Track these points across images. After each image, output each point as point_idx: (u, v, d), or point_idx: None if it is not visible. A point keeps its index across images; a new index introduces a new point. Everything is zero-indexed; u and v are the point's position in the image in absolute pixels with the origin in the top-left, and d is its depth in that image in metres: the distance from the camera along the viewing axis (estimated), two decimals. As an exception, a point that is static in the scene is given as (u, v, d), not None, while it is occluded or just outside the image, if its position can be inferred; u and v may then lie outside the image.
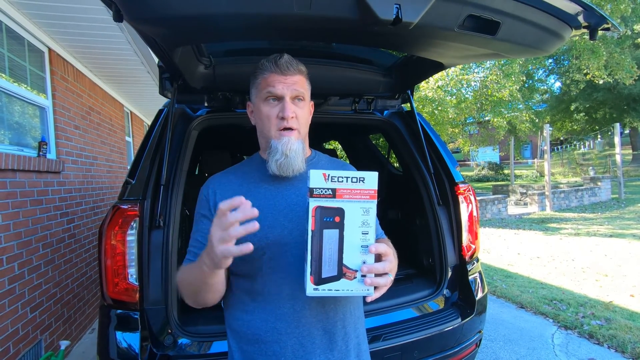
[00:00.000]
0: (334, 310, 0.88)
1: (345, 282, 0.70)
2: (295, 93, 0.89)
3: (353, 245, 0.70)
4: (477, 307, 1.74)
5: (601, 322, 2.96)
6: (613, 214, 8.78)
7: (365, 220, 0.70)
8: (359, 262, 0.70)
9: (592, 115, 18.63)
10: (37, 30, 2.75)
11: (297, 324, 0.84)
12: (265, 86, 0.89)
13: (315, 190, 0.69)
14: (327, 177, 0.69)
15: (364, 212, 0.70)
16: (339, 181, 0.70)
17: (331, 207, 0.69)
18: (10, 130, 2.56)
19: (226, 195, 0.90)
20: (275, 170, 0.88)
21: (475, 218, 1.89)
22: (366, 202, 0.70)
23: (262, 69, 0.90)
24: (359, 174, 0.70)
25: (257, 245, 0.84)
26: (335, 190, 0.70)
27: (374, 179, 0.71)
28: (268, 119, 0.90)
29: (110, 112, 4.54)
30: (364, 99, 2.04)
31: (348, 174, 0.70)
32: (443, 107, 8.54)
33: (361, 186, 0.70)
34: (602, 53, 10.38)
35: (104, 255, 1.38)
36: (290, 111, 0.88)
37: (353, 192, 0.70)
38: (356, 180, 0.70)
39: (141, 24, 0.96)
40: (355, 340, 0.92)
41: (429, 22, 0.97)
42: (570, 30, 1.15)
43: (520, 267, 4.79)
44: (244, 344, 0.88)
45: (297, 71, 0.90)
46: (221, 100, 1.80)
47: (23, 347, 2.32)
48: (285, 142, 0.87)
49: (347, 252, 0.70)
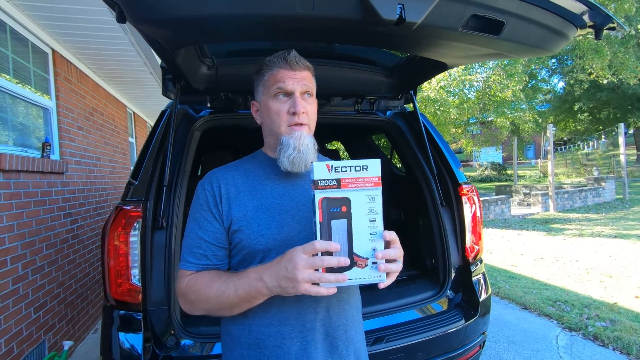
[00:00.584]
0: (338, 314, 0.87)
1: (357, 270, 0.70)
2: (305, 88, 0.89)
3: (362, 233, 0.70)
4: (480, 308, 1.73)
5: (606, 324, 2.94)
6: (617, 215, 8.72)
7: (371, 207, 0.70)
8: (369, 250, 0.70)
9: (596, 115, 18.53)
10: (41, 32, 2.76)
11: (301, 328, 0.82)
12: (274, 82, 0.88)
13: (320, 182, 0.69)
14: (330, 168, 0.69)
15: (370, 199, 0.70)
16: (342, 171, 0.70)
17: (337, 197, 0.69)
18: (14, 131, 2.57)
19: (230, 191, 0.88)
20: (288, 166, 0.86)
21: (479, 219, 1.88)
22: (371, 189, 0.70)
23: (270, 65, 0.90)
24: (362, 162, 0.70)
25: (264, 246, 0.83)
26: (339, 180, 0.70)
27: (377, 165, 0.71)
28: (278, 115, 0.88)
29: (114, 113, 4.55)
30: (366, 100, 2.04)
31: (351, 163, 0.70)
32: (445, 108, 8.51)
33: (365, 174, 0.70)
34: (606, 53, 10.32)
35: (107, 256, 1.38)
36: (301, 106, 0.87)
37: (357, 181, 0.70)
38: (359, 169, 0.70)
39: (144, 25, 0.95)
40: (356, 345, 0.91)
41: (432, 22, 0.97)
42: (575, 30, 1.14)
43: (523, 268, 4.76)
44: (244, 349, 0.85)
45: (305, 67, 0.90)
46: (224, 101, 1.80)
47: (27, 348, 2.33)
48: (297, 137, 0.86)
49: (357, 240, 0.70)
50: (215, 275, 0.83)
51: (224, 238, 0.87)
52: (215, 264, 0.87)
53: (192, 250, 0.87)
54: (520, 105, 11.81)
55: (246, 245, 0.84)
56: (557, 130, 20.07)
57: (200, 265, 0.86)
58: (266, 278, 0.73)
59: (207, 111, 1.81)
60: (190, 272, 0.86)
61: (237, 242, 0.85)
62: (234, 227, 0.85)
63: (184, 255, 0.88)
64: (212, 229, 0.86)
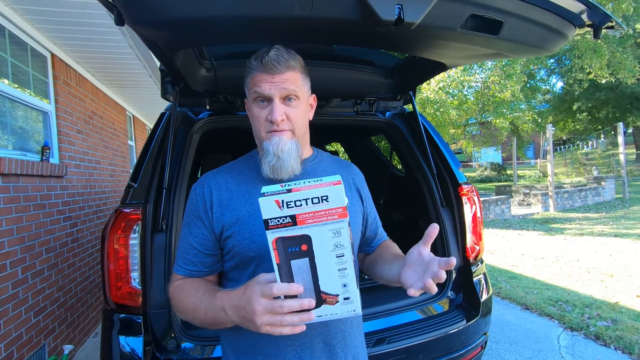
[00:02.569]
0: (335, 321, 0.85)
1: (327, 307, 0.65)
2: (284, 93, 0.81)
3: (329, 270, 0.63)
4: (482, 308, 1.72)
5: (607, 323, 2.93)
6: (617, 214, 8.72)
7: (337, 242, 0.62)
8: (338, 286, 0.64)
9: (595, 115, 18.54)
10: (40, 36, 2.77)
11: (296, 336, 0.79)
12: (252, 86, 0.83)
13: (270, 222, 0.60)
14: (281, 204, 0.60)
15: (335, 233, 0.61)
16: (296, 205, 0.60)
17: (294, 236, 0.61)
18: (14, 135, 2.57)
19: (223, 196, 0.85)
20: (269, 174, 0.82)
21: (479, 219, 1.88)
22: (335, 222, 0.61)
23: (250, 67, 0.84)
24: (320, 191, 0.60)
25: (255, 253, 0.81)
26: (294, 216, 0.60)
27: (339, 193, 0.60)
28: (258, 120, 0.84)
29: (113, 116, 4.56)
30: (365, 101, 2.04)
31: (307, 195, 0.60)
32: (445, 109, 8.52)
33: (325, 206, 0.60)
34: (604, 52, 10.34)
35: (107, 259, 1.38)
36: (278, 114, 0.80)
37: (317, 215, 0.60)
38: (318, 201, 0.60)
39: (142, 28, 0.95)
40: (354, 350, 0.90)
41: (431, 23, 0.97)
42: (574, 29, 1.14)
43: (524, 268, 4.76)
44: (241, 354, 0.84)
45: (286, 68, 0.81)
46: (223, 103, 1.80)
47: (27, 352, 2.32)
48: (275, 143, 0.81)
49: (324, 278, 0.63)
50: (195, 287, 0.81)
51: (212, 245, 0.85)
52: (202, 270, 0.86)
53: (182, 255, 0.86)
54: (519, 105, 11.82)
55: (238, 252, 0.82)
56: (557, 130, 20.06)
57: (188, 270, 0.85)
58: (229, 312, 0.69)
59: (207, 113, 1.81)
60: (180, 276, 0.86)
61: (230, 248, 0.83)
62: (226, 234, 0.83)
63: (176, 258, 0.88)
64: (200, 235, 0.85)
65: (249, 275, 0.83)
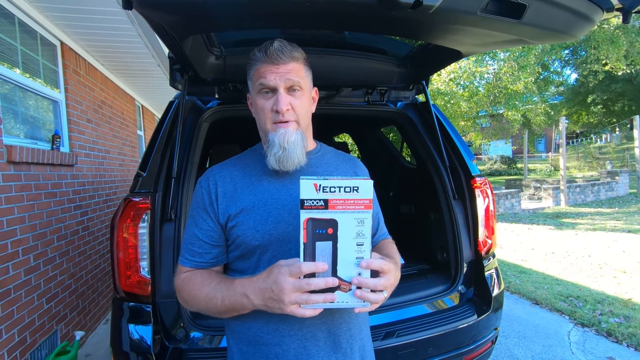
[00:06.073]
0: (340, 311, 0.84)
1: (340, 294, 0.68)
2: (289, 83, 0.83)
3: (347, 257, 0.67)
4: (493, 303, 1.69)
5: (620, 320, 2.88)
6: (631, 209, 8.55)
7: (360, 231, 0.67)
8: (354, 274, 0.68)
9: (610, 108, 18.07)
10: (50, 24, 2.76)
11: (300, 325, 0.81)
12: (257, 77, 0.84)
13: (306, 202, 0.66)
14: (318, 188, 0.66)
15: (359, 222, 0.67)
16: (331, 191, 0.66)
17: (323, 218, 0.66)
18: (25, 123, 2.58)
19: (227, 188, 0.87)
20: (275, 165, 0.83)
21: (492, 212, 1.84)
22: (361, 212, 0.67)
23: (254, 59, 0.85)
24: (353, 182, 0.67)
25: (261, 242, 0.82)
26: (327, 201, 0.66)
27: (369, 187, 0.67)
28: (263, 111, 0.85)
29: (122, 106, 4.57)
30: (377, 90, 1.99)
31: (341, 183, 0.66)
32: (455, 101, 8.37)
33: (355, 196, 0.66)
34: (622, 43, 10.02)
35: (116, 248, 1.38)
36: (284, 104, 0.82)
37: (347, 203, 0.66)
38: (349, 190, 0.66)
39: (150, 10, 0.93)
40: (360, 342, 0.89)
41: (450, 6, 0.92)
42: (602, 13, 1.07)
43: (534, 262, 4.70)
44: (243, 345, 0.85)
45: (290, 59, 0.83)
46: (232, 91, 1.77)
47: (39, 337, 2.36)
48: (281, 134, 0.82)
49: (342, 264, 0.68)
50: (207, 279, 0.82)
51: (218, 236, 0.86)
52: (209, 261, 0.87)
53: (188, 247, 0.87)
54: (532, 97, 11.56)
55: (243, 242, 0.84)
56: (570, 122, 19.65)
57: (195, 262, 0.86)
58: (252, 296, 0.72)
59: (216, 102, 1.78)
60: (186, 268, 0.87)
61: (234, 238, 0.85)
62: (231, 224, 0.84)
63: (182, 250, 0.89)
64: (206, 227, 0.86)
65: (253, 265, 0.84)
